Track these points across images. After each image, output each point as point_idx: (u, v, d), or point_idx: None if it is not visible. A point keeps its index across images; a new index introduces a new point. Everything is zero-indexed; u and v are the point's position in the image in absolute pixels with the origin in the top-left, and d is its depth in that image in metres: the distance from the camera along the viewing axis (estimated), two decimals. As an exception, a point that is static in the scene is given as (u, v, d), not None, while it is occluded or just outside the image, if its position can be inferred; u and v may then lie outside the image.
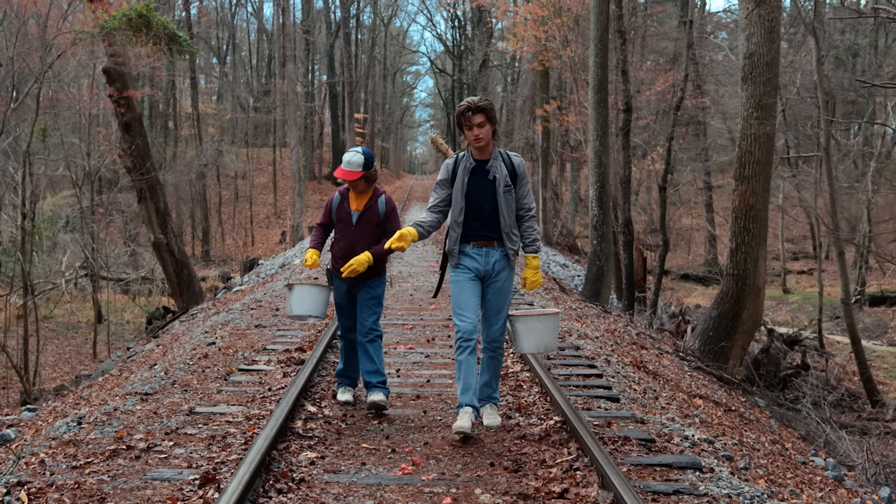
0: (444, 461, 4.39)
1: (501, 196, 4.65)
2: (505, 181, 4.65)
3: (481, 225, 4.69)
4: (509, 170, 4.70)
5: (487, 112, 4.59)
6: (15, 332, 16.23)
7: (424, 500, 3.82)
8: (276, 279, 13.86)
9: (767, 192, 12.86)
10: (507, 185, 4.65)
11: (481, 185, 4.68)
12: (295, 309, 5.29)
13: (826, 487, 6.50)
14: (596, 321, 10.20)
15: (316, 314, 5.30)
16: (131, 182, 18.66)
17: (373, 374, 5.19)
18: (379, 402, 5.12)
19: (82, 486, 3.69)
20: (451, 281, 4.81)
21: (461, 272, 4.74)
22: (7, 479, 3.67)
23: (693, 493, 3.83)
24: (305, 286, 5.33)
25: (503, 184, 4.64)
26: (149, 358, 8.29)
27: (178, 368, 6.19)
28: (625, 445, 4.54)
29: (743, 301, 12.38)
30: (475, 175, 4.69)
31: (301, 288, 5.33)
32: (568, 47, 20.86)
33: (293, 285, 5.38)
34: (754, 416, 8.66)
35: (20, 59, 13.84)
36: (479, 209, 4.68)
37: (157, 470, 4.05)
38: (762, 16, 12.34)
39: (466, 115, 4.58)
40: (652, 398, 5.83)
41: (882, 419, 12.78)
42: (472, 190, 4.68)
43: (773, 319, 23.69)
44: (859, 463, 8.56)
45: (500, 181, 4.65)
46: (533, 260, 4.77)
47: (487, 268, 4.71)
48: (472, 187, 4.68)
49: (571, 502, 3.73)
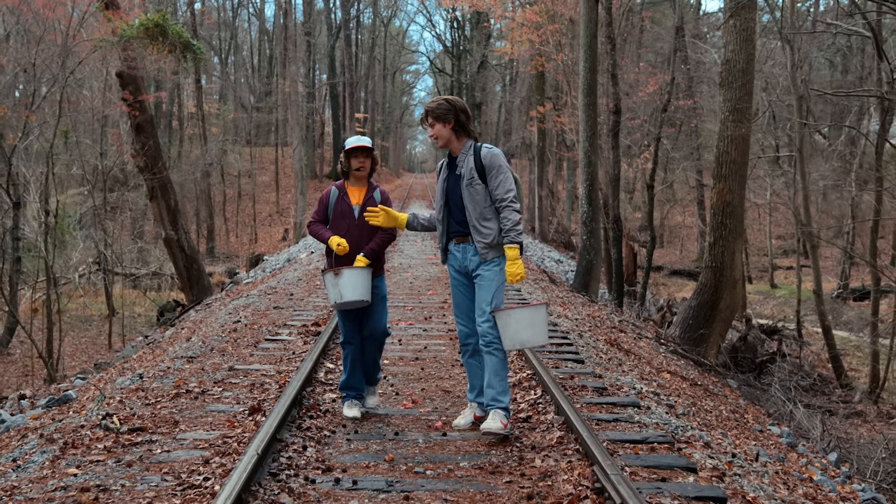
0: (436, 401, 5.60)
1: (464, 190, 4.68)
2: (469, 174, 4.67)
3: (458, 221, 4.77)
4: (476, 163, 4.70)
5: (434, 113, 4.70)
6: (35, 324, 17.13)
7: (422, 424, 5.01)
8: (286, 271, 14.80)
9: (743, 190, 13.77)
10: (470, 178, 4.67)
11: (454, 181, 4.78)
12: (347, 295, 4.92)
13: (779, 450, 7.39)
14: (580, 308, 11.11)
15: (367, 298, 4.99)
16: (140, 181, 19.57)
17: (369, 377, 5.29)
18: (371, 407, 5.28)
19: (157, 415, 4.83)
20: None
21: (451, 271, 4.90)
22: (97, 411, 4.66)
23: (628, 421, 4.92)
24: (354, 269, 4.96)
25: (467, 177, 4.68)
26: (178, 337, 9.27)
27: (213, 339, 7.26)
28: (581, 391, 5.66)
29: (721, 291, 13.29)
30: (449, 172, 4.83)
31: (351, 272, 4.94)
32: (561, 52, 21.74)
33: (341, 270, 4.96)
34: (722, 393, 9.55)
35: (42, 66, 14.72)
36: (455, 206, 4.77)
37: (213, 405, 5.22)
38: (737, 26, 13.24)
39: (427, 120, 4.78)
40: (616, 365, 6.77)
41: (850, 401, 13.70)
42: (448, 187, 4.80)
43: (759, 313, 24.62)
44: (816, 435, 9.46)
45: (464, 175, 4.70)
46: (510, 251, 4.65)
47: (465, 263, 4.79)
48: (447, 185, 4.81)
49: (533, 424, 4.84)
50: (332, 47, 50.80)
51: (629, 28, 29.68)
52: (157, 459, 4.14)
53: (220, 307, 11.22)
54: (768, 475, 4.48)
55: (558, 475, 3.94)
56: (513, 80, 45.02)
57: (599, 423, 4.88)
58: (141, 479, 3.82)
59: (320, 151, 52.84)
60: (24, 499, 3.55)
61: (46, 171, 14.95)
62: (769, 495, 3.89)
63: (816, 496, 4.66)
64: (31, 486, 3.74)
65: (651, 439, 4.51)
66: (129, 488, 3.72)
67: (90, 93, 21.39)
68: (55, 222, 15.02)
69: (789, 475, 5.06)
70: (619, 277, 18.16)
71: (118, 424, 4.49)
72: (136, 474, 3.90)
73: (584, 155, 16.22)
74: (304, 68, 42.08)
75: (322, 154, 53.33)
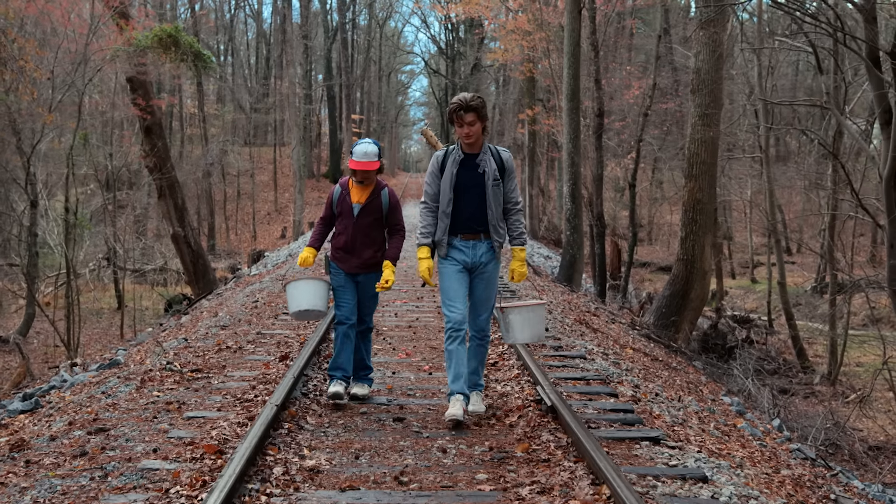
0: (425, 354, 7.15)
1: (490, 189, 4.75)
2: (494, 175, 4.75)
3: (468, 217, 4.80)
4: (498, 164, 4.80)
5: (478, 111, 4.71)
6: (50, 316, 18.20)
7: (413, 367, 6.58)
8: (290, 263, 15.98)
9: (713, 189, 14.90)
10: (495, 178, 4.76)
11: (470, 177, 4.79)
12: (293, 305, 5.15)
13: (726, 416, 8.51)
14: (558, 295, 12.24)
15: (318, 308, 5.16)
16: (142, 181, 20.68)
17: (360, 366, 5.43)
18: (360, 395, 5.39)
19: (208, 363, 6.20)
20: (439, 272, 4.96)
21: (449, 263, 4.89)
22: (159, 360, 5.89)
23: (572, 367, 6.43)
24: (302, 280, 5.20)
25: (492, 177, 4.74)
26: (200, 318, 10.46)
27: (239, 314, 8.55)
28: (541, 348, 7.05)
29: (691, 282, 14.42)
30: (464, 168, 4.82)
31: (298, 283, 5.19)
32: (548, 58, 22.88)
33: (289, 282, 5.24)
34: (684, 370, 10.66)
35: (63, 73, 15.80)
36: (468, 202, 4.79)
37: (250, 356, 6.71)
38: (707, 37, 14.35)
39: (459, 114, 4.72)
40: (578, 336, 7.92)
41: (810, 383, 14.88)
42: (460, 182, 4.79)
43: (739, 306, 25.79)
44: (767, 406, 10.61)
45: (489, 174, 4.75)
46: (520, 252, 4.89)
47: (475, 260, 4.83)
48: (460, 180, 4.79)
49: (499, 367, 6.23)
50: (329, 49, 51.83)
51: (620, 31, 30.82)
52: (216, 387, 5.56)
53: (234, 294, 12.42)
54: (685, 410, 5.63)
55: (512, 395, 5.36)
56: (506, 82, 46.14)
57: (551, 367, 6.34)
58: (208, 398, 5.30)
59: (317, 151, 53.96)
60: (127, 408, 4.95)
61: (67, 172, 16.05)
62: (673, 416, 5.05)
63: (730, 433, 5.78)
64: (127, 404, 5.12)
65: (589, 377, 5.91)
66: (202, 402, 5.20)
67: (99, 97, 22.45)
68: (75, 219, 16.11)
69: (714, 419, 6.19)
70: (601, 271, 19.30)
71: (180, 368, 5.74)
72: (204, 395, 5.38)
73: (567, 156, 17.31)
74: (302, 70, 43.15)
75: (319, 154, 54.46)
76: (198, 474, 3.72)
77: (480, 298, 4.91)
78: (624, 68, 29.94)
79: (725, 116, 20.73)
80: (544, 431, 4.54)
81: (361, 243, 5.17)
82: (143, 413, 4.81)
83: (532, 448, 4.32)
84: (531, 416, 4.84)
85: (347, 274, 5.25)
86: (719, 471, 3.75)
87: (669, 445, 4.15)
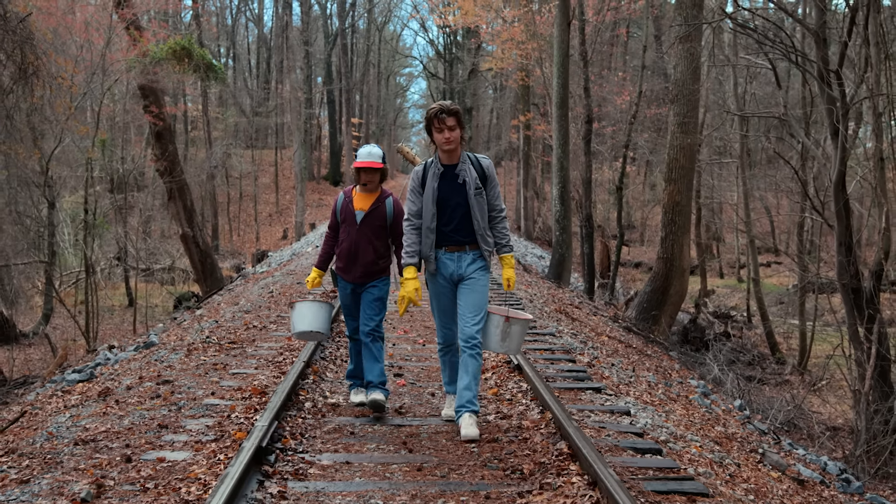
0: (420, 330, 8.68)
1: (473, 199, 4.70)
2: (476, 184, 4.70)
3: (453, 230, 4.75)
4: (479, 172, 4.74)
5: (458, 115, 4.68)
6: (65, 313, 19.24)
7: (410, 341, 8.09)
8: (297, 260, 17.10)
9: (691, 192, 15.96)
10: (477, 187, 4.71)
11: (452, 189, 4.73)
12: (296, 326, 5.26)
13: (687, 392, 9.51)
14: (543, 290, 13.30)
15: (320, 329, 5.20)
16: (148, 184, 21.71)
17: (374, 374, 5.21)
18: (378, 401, 5.14)
19: (239, 337, 7.29)
20: (430, 295, 4.95)
21: (438, 281, 4.88)
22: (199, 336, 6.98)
23: (542, 342, 7.74)
24: (306, 303, 5.28)
25: (473, 187, 4.70)
26: (218, 310, 11.52)
27: (258, 302, 9.66)
28: None
29: (671, 279, 15.47)
30: (444, 180, 4.75)
31: (301, 305, 5.27)
32: (541, 67, 23.97)
33: (294, 303, 5.38)
34: (658, 357, 11.69)
35: (82, 82, 16.84)
36: (451, 214, 4.73)
37: (274, 332, 8.08)
38: (685, 51, 15.39)
39: (440, 117, 4.65)
40: (554, 321, 8.98)
41: (781, 373, 15.95)
42: (442, 195, 4.74)
43: (725, 304, 26.87)
44: (731, 388, 11.65)
45: (470, 184, 4.69)
46: (510, 259, 4.87)
47: (460, 271, 4.78)
48: (442, 193, 4.74)
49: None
50: (329, 54, 52.92)
51: (614, 39, 31.88)
52: (250, 354, 6.77)
53: (248, 288, 13.51)
54: (637, 379, 6.71)
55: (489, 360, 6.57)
56: (502, 87, 47.23)
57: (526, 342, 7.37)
58: (245, 361, 6.62)
59: (317, 154, 55.11)
60: (182, 368, 6.19)
61: (86, 176, 17.10)
62: (621, 378, 6.16)
63: (676, 399, 6.84)
64: (181, 365, 6.33)
65: (555, 349, 7.09)
66: (241, 363, 6.54)
67: (112, 103, 23.50)
68: (94, 219, 17.15)
69: (666, 390, 7.25)
70: (590, 270, 20.35)
71: (217, 340, 6.82)
72: (241, 359, 6.70)
73: (556, 160, 18.36)
74: (303, 74, 44.27)
75: (319, 157, 55.61)
76: (250, 405, 5.09)
77: (468, 303, 4.76)
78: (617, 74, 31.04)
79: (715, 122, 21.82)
80: (510, 382, 5.93)
81: (364, 250, 5.17)
82: (196, 371, 6.09)
83: (499, 393, 5.71)
84: (502, 372, 6.22)
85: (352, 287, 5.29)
86: (644, 412, 4.96)
87: (608, 394, 5.43)
